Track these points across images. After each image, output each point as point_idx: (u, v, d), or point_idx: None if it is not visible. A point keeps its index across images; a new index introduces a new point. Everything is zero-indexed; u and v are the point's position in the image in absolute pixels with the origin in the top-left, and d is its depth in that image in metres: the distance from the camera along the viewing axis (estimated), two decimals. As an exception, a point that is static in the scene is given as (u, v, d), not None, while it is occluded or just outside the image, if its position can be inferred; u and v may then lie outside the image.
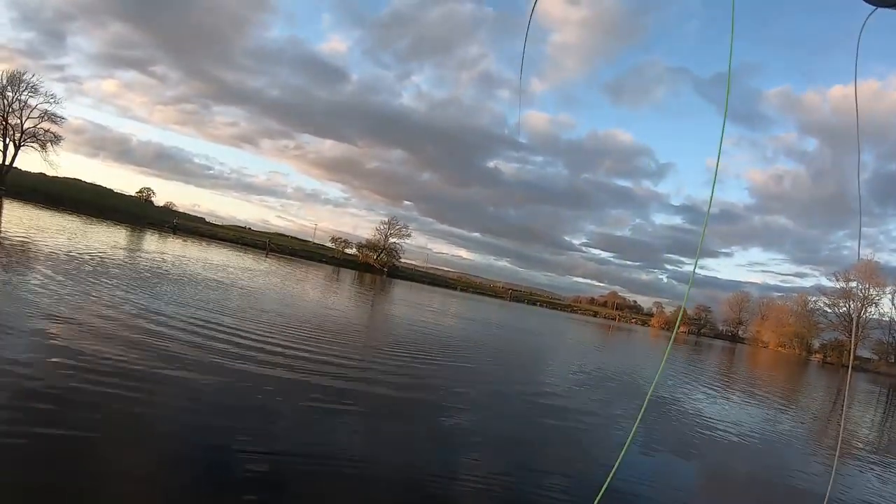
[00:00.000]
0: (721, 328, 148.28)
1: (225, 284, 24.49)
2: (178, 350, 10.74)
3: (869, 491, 10.83)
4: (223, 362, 10.54)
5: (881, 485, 11.62)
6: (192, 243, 64.10)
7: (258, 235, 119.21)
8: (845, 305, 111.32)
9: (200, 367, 9.81)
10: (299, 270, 55.49)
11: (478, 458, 8.22)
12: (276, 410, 8.42)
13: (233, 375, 9.76)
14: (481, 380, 15.29)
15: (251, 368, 10.55)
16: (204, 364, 10.08)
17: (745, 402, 21.93)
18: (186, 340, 11.71)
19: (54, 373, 7.89)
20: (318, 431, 7.88)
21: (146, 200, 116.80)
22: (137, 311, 13.63)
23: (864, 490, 10.85)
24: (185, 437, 6.83)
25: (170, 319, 13.53)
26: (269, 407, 8.51)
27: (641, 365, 31.11)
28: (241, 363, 10.77)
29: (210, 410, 7.84)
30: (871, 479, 12.07)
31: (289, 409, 8.56)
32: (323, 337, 15.80)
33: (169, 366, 9.50)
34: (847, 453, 14.77)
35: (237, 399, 8.58)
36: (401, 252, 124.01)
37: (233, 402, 8.43)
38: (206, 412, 7.74)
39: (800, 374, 53.02)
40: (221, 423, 7.48)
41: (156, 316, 13.58)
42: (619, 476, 8.97)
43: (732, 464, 11.67)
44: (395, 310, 34.25)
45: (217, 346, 11.73)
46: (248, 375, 9.99)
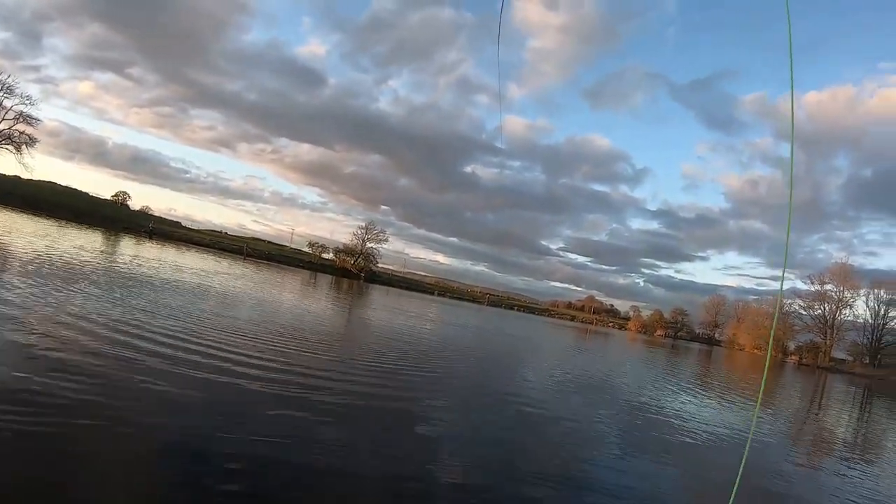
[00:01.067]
0: (698, 331, 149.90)
1: (202, 290, 24.27)
2: (149, 359, 10.71)
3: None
4: (196, 372, 10.51)
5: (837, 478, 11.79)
6: (169, 248, 63.40)
7: (235, 240, 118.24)
8: (820, 308, 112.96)
9: (172, 378, 9.78)
10: (276, 275, 55.15)
11: (456, 463, 8.34)
12: (253, 418, 8.47)
13: (206, 385, 9.75)
14: (460, 385, 15.44)
15: (224, 378, 10.52)
16: (176, 374, 10.05)
17: (730, 405, 22.11)
18: (159, 351, 11.64)
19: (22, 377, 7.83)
20: (295, 440, 7.88)
21: (122, 204, 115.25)
22: (108, 319, 13.46)
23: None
24: (158, 447, 6.83)
25: (143, 327, 13.42)
26: (245, 415, 8.56)
27: (618, 369, 31.34)
28: (215, 373, 10.74)
29: (183, 420, 7.86)
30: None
31: (265, 417, 8.60)
32: (300, 344, 15.73)
33: (141, 375, 9.50)
34: (822, 451, 14.97)
35: (210, 408, 8.57)
36: (378, 257, 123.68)
37: (206, 411, 8.41)
38: (179, 422, 7.76)
39: (777, 375, 53.52)
40: (195, 432, 7.50)
41: (128, 325, 13.40)
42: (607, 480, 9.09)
43: (714, 466, 11.77)
44: (373, 315, 34.18)
45: (190, 358, 11.62)
46: (222, 385, 9.99)
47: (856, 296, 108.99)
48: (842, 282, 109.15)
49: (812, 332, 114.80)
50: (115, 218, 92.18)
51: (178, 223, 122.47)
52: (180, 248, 71.60)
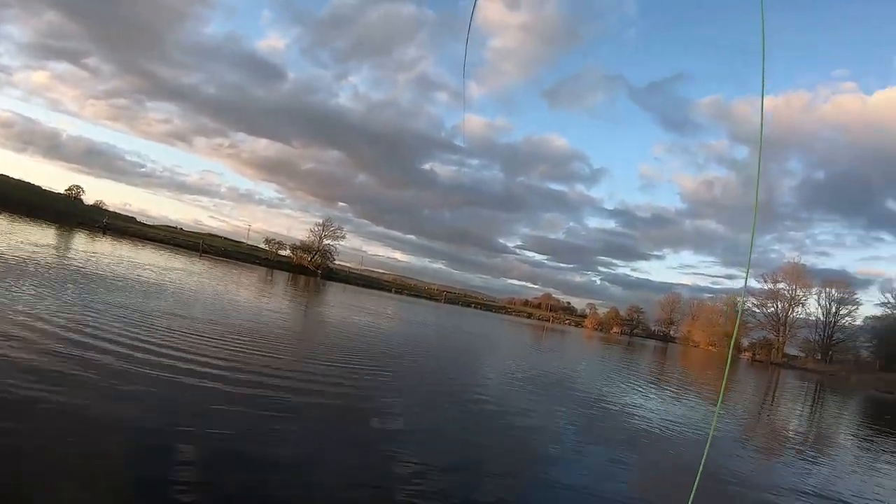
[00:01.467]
0: (653, 328, 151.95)
1: (157, 288, 23.68)
2: (101, 357, 10.37)
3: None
4: (150, 371, 10.21)
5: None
6: (123, 244, 61.93)
7: (191, 236, 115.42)
8: (773, 306, 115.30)
9: (125, 376, 9.53)
10: (232, 272, 54.26)
11: (415, 459, 8.22)
12: (208, 416, 8.25)
13: (160, 383, 9.47)
14: (418, 382, 15.38)
15: (180, 377, 10.23)
16: (129, 373, 9.75)
17: (686, 399, 22.33)
18: (111, 349, 11.26)
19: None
20: (250, 437, 7.73)
21: (75, 199, 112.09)
22: (59, 318, 12.99)
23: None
24: (111, 443, 6.62)
25: (95, 326, 12.97)
26: (200, 412, 8.34)
27: (575, 366, 31.53)
28: (170, 372, 10.46)
29: (137, 417, 7.63)
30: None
31: (221, 415, 8.39)
32: (256, 343, 15.36)
33: (93, 374, 9.22)
34: (777, 443, 15.18)
35: (164, 405, 8.35)
36: (335, 254, 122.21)
37: (160, 408, 8.20)
38: (132, 419, 7.53)
39: (732, 371, 54.24)
40: (150, 429, 7.30)
41: (80, 324, 12.96)
42: (564, 473, 9.06)
43: (671, 458, 11.84)
44: (331, 313, 33.85)
45: (144, 357, 11.33)
46: (176, 383, 9.69)
47: (808, 294, 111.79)
48: (794, 281, 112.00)
49: (765, 330, 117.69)
50: (68, 213, 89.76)
51: (132, 219, 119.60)
52: (135, 244, 69.76)
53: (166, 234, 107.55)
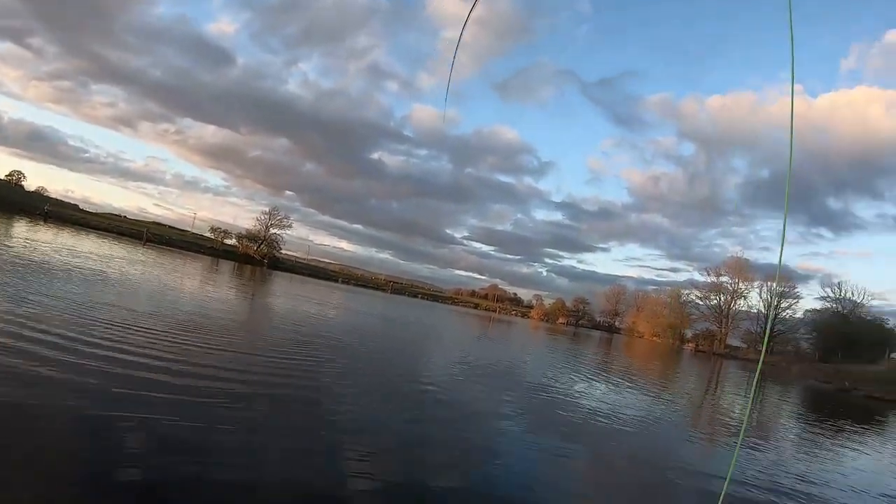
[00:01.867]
0: (598, 319, 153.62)
1: (98, 278, 22.81)
2: (39, 350, 9.96)
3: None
4: (91, 364, 9.79)
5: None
6: (65, 232, 59.98)
7: (135, 224, 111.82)
8: (716, 298, 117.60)
9: (64, 367, 9.12)
10: (177, 262, 52.88)
11: (362, 453, 8.05)
12: (152, 410, 7.89)
13: (100, 375, 9.05)
14: (364, 372, 15.14)
15: (120, 369, 9.79)
16: (71, 365, 9.30)
17: (631, 388, 22.45)
18: (49, 341, 10.77)
19: None
20: (196, 430, 7.44)
21: (16, 185, 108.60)
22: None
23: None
24: (55, 441, 6.31)
25: (33, 317, 12.41)
26: (144, 407, 7.99)
27: (522, 356, 31.61)
28: (110, 364, 10.04)
29: (78, 414, 7.26)
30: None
31: (164, 410, 8.01)
32: (200, 335, 14.77)
33: (31, 366, 8.85)
34: (725, 433, 15.31)
35: (105, 398, 7.96)
36: (282, 243, 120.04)
37: (101, 401, 7.82)
38: (74, 415, 7.19)
39: (676, 361, 55.25)
40: (93, 425, 6.97)
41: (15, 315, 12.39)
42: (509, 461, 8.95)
43: (616, 447, 11.83)
44: (277, 303, 33.24)
45: (83, 350, 10.84)
46: (117, 376, 9.28)
47: (750, 288, 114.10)
48: (737, 274, 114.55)
49: (708, 321, 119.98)
50: (8, 199, 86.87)
51: (75, 206, 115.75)
52: (77, 232, 67.55)
53: (110, 222, 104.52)
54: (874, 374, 51.89)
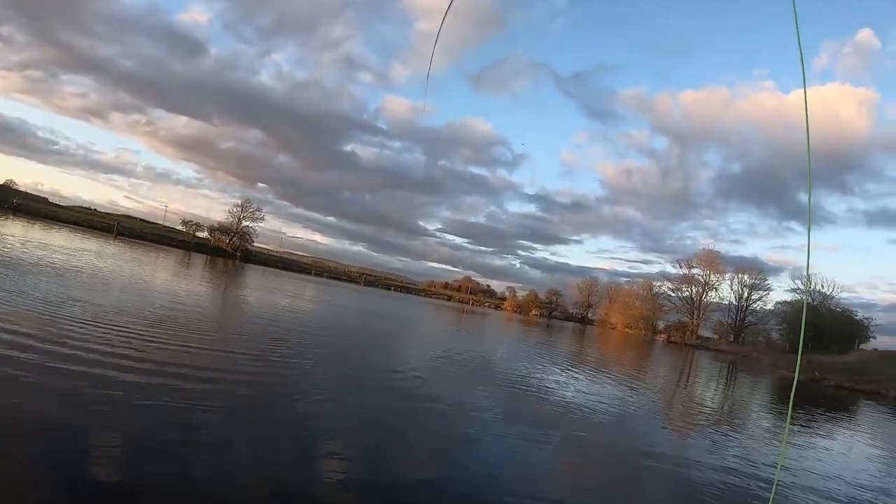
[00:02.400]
0: (571, 311, 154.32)
1: (68, 273, 22.37)
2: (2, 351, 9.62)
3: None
4: (63, 365, 9.64)
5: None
6: (34, 226, 58.95)
7: (105, 217, 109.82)
8: (688, 290, 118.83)
9: (34, 370, 8.93)
10: (148, 255, 52.10)
11: (337, 443, 8.10)
12: (124, 411, 7.66)
13: (69, 375, 8.81)
14: (338, 365, 15.06)
15: (90, 369, 9.58)
16: (37, 365, 9.06)
17: (605, 379, 22.54)
18: (13, 341, 10.48)
19: None
20: (170, 429, 7.30)
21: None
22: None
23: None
24: (25, 444, 6.14)
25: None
26: (115, 408, 7.74)
27: (497, 347, 31.67)
28: (78, 364, 9.89)
29: (47, 415, 7.05)
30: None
31: (136, 410, 7.78)
32: (172, 331, 14.44)
33: None
34: (692, 423, 15.44)
35: (74, 399, 7.78)
36: (254, 236, 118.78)
37: (70, 402, 7.65)
38: (43, 417, 6.97)
39: (649, 352, 55.75)
40: (64, 427, 6.78)
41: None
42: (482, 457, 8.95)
43: (591, 437, 11.88)
44: (250, 296, 32.88)
45: (56, 350, 10.74)
46: (89, 376, 9.04)
47: (721, 280, 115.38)
48: (708, 266, 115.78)
49: (680, 313, 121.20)
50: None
51: (44, 199, 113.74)
52: (47, 226, 66.53)
53: (80, 215, 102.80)
54: (843, 364, 52.62)
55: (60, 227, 71.47)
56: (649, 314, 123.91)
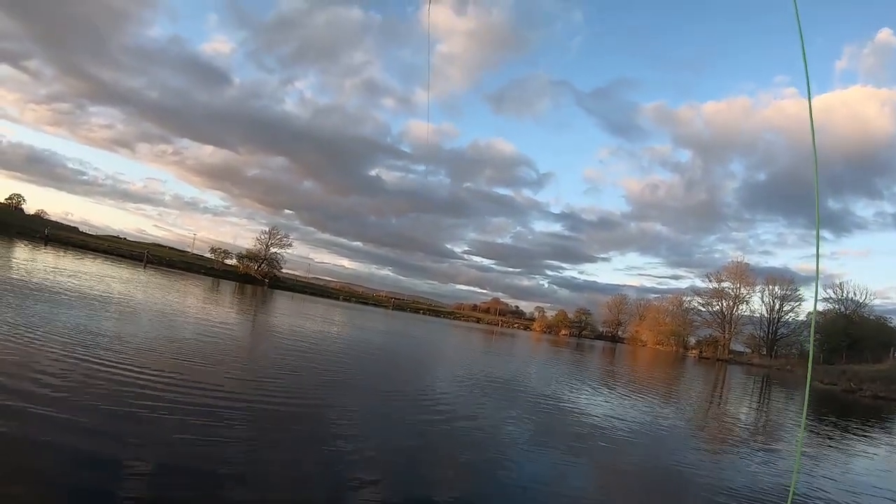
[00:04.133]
0: (601, 329, 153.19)
1: (100, 302, 22.68)
2: (45, 371, 9.88)
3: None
4: (99, 388, 9.76)
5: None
6: (66, 255, 59.86)
7: (135, 246, 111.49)
8: (718, 304, 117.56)
9: (73, 388, 9.17)
10: (178, 283, 52.68)
11: (369, 465, 8.20)
12: (154, 436, 7.83)
13: (108, 397, 9.11)
14: (369, 388, 15.25)
15: (128, 389, 9.88)
16: (76, 383, 9.38)
17: (636, 398, 22.42)
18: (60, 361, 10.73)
19: None
20: (200, 450, 7.48)
21: (16, 208, 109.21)
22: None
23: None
24: (57, 466, 6.29)
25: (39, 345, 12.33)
26: (147, 433, 7.93)
27: (524, 368, 31.53)
28: (117, 385, 10.05)
29: (83, 436, 7.28)
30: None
31: (166, 435, 7.96)
32: (204, 355, 14.78)
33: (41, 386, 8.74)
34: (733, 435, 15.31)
35: (112, 420, 8.01)
36: (282, 262, 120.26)
37: (107, 422, 7.88)
38: (79, 438, 7.18)
39: (681, 369, 55.22)
40: (96, 449, 6.96)
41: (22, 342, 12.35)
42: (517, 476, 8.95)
43: (624, 457, 11.81)
44: (279, 322, 33.15)
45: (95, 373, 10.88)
46: (125, 395, 9.36)
47: (751, 292, 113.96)
48: (738, 279, 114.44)
49: (711, 327, 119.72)
50: (8, 223, 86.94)
51: (75, 228, 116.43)
52: (78, 255, 67.57)
53: (110, 244, 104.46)
54: (879, 373, 51.75)
55: (92, 256, 72.57)
56: (680, 330, 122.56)
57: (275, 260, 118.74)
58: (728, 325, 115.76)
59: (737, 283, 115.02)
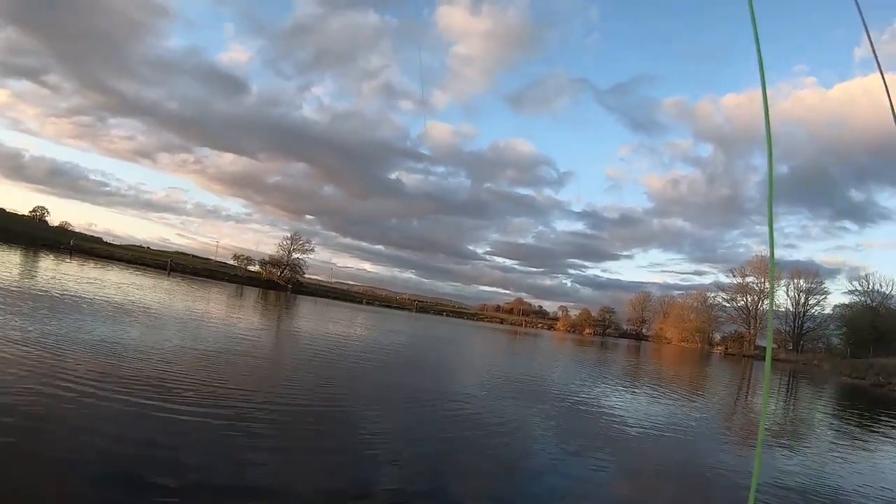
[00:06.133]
0: (625, 327, 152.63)
1: (127, 310, 23.13)
2: (74, 383, 10.08)
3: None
4: (125, 396, 10.00)
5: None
6: (90, 266, 60.68)
7: (158, 255, 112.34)
8: (743, 299, 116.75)
9: (99, 401, 9.34)
10: (202, 291, 53.23)
11: (395, 473, 8.21)
12: (184, 442, 8.02)
13: (135, 408, 9.26)
14: (395, 391, 15.27)
15: (154, 401, 10.03)
16: (102, 398, 9.55)
17: (662, 395, 22.40)
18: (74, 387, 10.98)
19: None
20: (228, 463, 7.53)
21: (40, 220, 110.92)
22: (24, 341, 12.66)
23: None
24: (85, 469, 6.48)
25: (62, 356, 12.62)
26: (177, 439, 8.11)
27: (550, 367, 31.56)
28: (145, 398, 10.22)
29: (113, 445, 7.44)
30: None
31: (195, 440, 8.15)
32: (229, 364, 15.03)
33: (65, 401, 9.01)
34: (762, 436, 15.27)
35: (142, 432, 8.15)
36: (305, 267, 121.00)
37: (137, 435, 7.99)
38: (107, 446, 7.34)
39: (706, 365, 54.92)
40: (126, 457, 7.12)
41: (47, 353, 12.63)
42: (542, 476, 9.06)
43: (651, 455, 11.87)
44: (304, 326, 33.49)
45: (117, 388, 11.06)
46: (151, 407, 9.46)
47: (776, 286, 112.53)
48: (762, 274, 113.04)
49: (736, 323, 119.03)
50: (32, 235, 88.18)
51: (99, 239, 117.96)
52: (103, 265, 68.43)
53: (133, 253, 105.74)
54: (908, 366, 51.19)
55: (117, 266, 73.47)
56: (705, 326, 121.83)
57: (297, 265, 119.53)
58: (753, 320, 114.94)
59: (761, 278, 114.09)
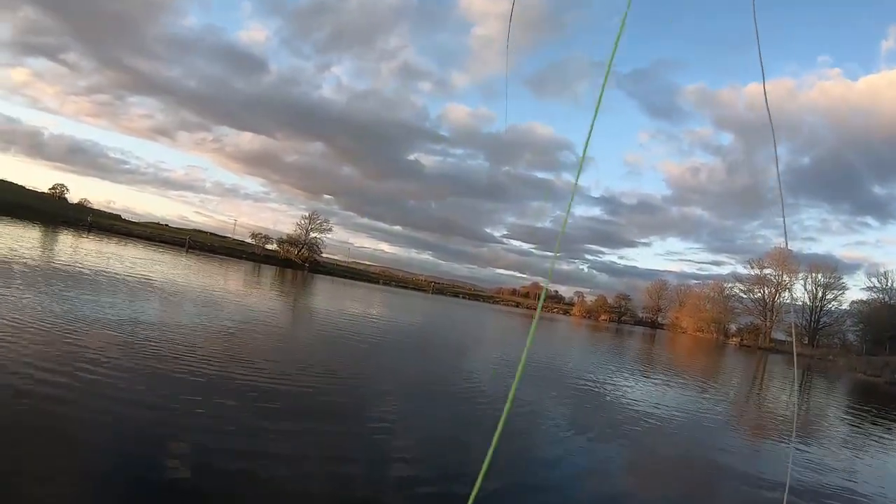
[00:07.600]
0: (641, 315, 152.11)
1: (143, 288, 23.52)
2: (94, 354, 10.37)
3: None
4: (142, 364, 10.35)
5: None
6: (109, 242, 61.31)
7: (176, 232, 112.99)
8: (760, 291, 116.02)
9: (121, 371, 9.66)
10: (219, 268, 53.74)
11: (408, 455, 8.35)
12: (198, 419, 8.27)
13: (153, 378, 9.61)
14: (409, 373, 15.60)
15: (173, 369, 10.39)
16: (124, 368, 9.87)
17: (678, 386, 22.46)
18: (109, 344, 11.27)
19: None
20: (239, 433, 7.78)
21: (59, 197, 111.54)
22: (44, 321, 12.98)
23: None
24: (104, 444, 6.68)
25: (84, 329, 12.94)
26: (192, 415, 8.37)
27: (565, 354, 31.66)
28: (159, 363, 10.62)
29: (132, 418, 7.71)
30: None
31: (210, 418, 8.33)
32: (246, 341, 15.35)
33: (87, 370, 9.25)
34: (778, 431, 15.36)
35: (159, 406, 8.38)
36: (322, 247, 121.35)
37: (155, 407, 8.26)
38: (127, 420, 7.61)
39: (721, 357, 54.83)
40: (144, 430, 7.37)
41: (66, 328, 12.96)
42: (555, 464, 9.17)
43: (669, 447, 11.96)
44: (322, 306, 33.86)
45: (137, 351, 11.46)
46: (168, 378, 9.80)
47: (794, 279, 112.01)
48: (780, 266, 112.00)
49: (752, 315, 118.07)
50: (52, 212, 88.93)
51: (117, 216, 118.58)
52: (121, 242, 68.98)
53: (152, 231, 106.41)
54: (925, 365, 50.89)
55: (135, 243, 74.46)
56: (720, 317, 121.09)
57: (315, 245, 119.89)
58: (770, 312, 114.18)
59: (779, 270, 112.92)
